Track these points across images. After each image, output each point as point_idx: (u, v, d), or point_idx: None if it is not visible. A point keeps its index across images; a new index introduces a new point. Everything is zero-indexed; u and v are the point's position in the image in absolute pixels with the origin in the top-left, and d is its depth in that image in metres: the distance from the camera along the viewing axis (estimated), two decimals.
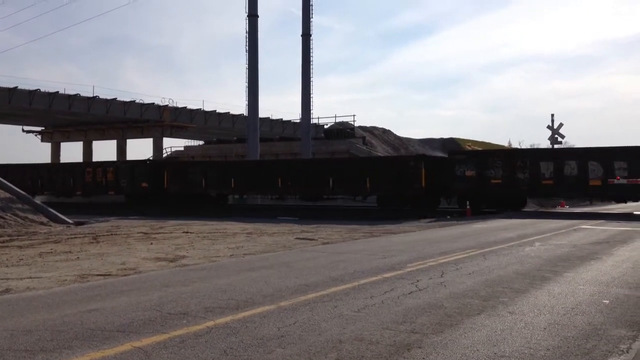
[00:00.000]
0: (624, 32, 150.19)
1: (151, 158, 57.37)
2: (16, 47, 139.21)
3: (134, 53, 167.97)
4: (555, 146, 42.40)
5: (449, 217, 27.67)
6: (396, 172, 31.80)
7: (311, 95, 49.29)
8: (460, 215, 28.55)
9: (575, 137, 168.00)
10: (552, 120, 42.79)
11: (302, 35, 49.72)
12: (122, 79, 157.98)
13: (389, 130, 64.06)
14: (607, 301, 7.50)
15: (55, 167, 47.51)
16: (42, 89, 50.07)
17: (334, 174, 33.63)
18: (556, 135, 42.51)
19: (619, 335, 5.88)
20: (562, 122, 43.37)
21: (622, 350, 5.36)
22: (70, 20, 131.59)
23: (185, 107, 59.03)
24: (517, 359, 5.05)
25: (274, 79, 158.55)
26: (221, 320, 6.36)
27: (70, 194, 42.32)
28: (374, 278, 9.12)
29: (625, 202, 30.48)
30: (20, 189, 41.09)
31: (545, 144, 63.72)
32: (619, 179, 27.33)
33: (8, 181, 42.52)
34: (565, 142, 50.06)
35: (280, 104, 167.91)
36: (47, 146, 65.95)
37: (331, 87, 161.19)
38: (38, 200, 41.53)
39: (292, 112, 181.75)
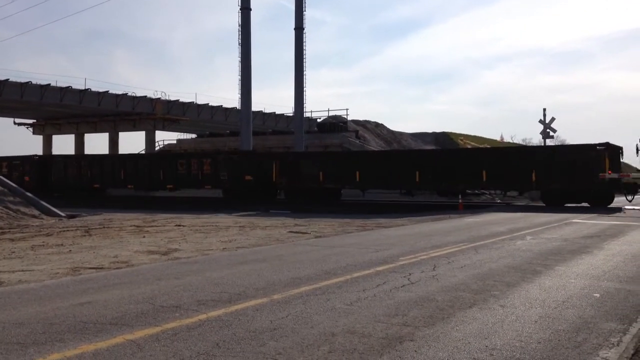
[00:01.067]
0: (615, 28, 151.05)
1: (143, 151, 57.20)
2: (6, 40, 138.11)
3: (125, 46, 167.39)
4: (548, 141, 42.55)
5: None
6: (572, 163, 28.36)
7: (304, 88, 49.24)
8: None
9: (567, 132, 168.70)
10: (544, 115, 42.93)
11: (295, 29, 49.60)
12: (113, 72, 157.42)
13: (381, 124, 64.16)
14: (598, 295, 7.56)
15: (143, 157, 44.54)
16: (34, 82, 49.82)
17: (486, 166, 29.94)
18: (548, 130, 42.66)
19: (610, 328, 5.92)
20: (554, 117, 43.43)
21: (613, 344, 5.40)
22: (60, 13, 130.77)
23: (178, 100, 58.86)
24: (509, 351, 5.08)
25: (266, 73, 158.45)
26: (214, 313, 6.37)
27: (160, 187, 38.83)
28: (366, 271, 9.14)
29: None
30: (95, 181, 40.19)
31: (537, 138, 63.97)
32: None
33: (78, 173, 40.94)
34: (557, 137, 50.19)
35: (272, 97, 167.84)
36: (39, 139, 65.69)
37: (324, 80, 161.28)
38: (115, 193, 40.20)
39: (284, 106, 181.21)
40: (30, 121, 64.47)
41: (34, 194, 24.05)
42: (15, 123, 64.18)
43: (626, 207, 28.20)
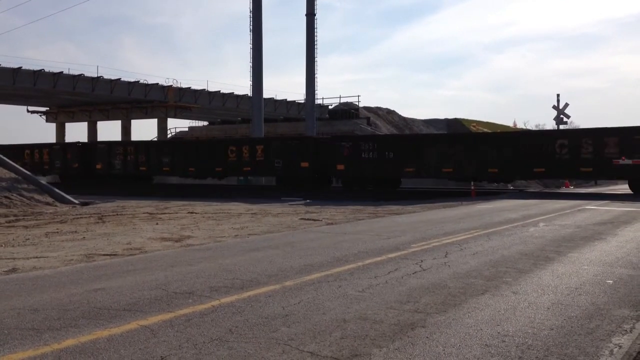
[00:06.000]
0: (628, 11, 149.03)
1: (156, 138, 57.37)
2: (17, 28, 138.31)
3: (134, 33, 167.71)
4: (561, 127, 42.24)
5: None
6: None
7: (315, 75, 49.08)
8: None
9: (580, 117, 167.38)
10: (558, 101, 42.61)
11: (306, 15, 49.35)
12: (122, 59, 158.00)
13: (393, 111, 63.88)
14: (610, 281, 7.52)
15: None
16: (46, 69, 50.01)
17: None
18: (561, 116, 42.33)
19: (623, 315, 5.90)
20: (568, 102, 43.03)
21: (626, 330, 5.38)
22: (70, 1, 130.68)
23: (190, 88, 58.86)
24: (521, 338, 5.08)
25: (277, 59, 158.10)
26: (226, 299, 6.41)
27: None
28: (378, 258, 9.15)
29: None
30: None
31: (550, 124, 63.44)
32: None
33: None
34: (571, 122, 49.79)
35: (283, 83, 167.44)
36: (52, 126, 66.09)
37: (334, 67, 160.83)
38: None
39: (295, 93, 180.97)
40: (43, 109, 64.76)
41: None
42: (28, 111, 64.49)
43: None
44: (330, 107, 60.44)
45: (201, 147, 38.53)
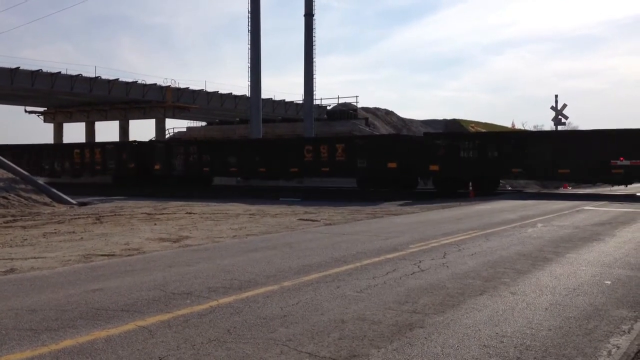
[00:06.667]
0: (628, 12, 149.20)
1: (154, 139, 57.31)
2: (15, 28, 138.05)
3: (132, 32, 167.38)
4: (560, 127, 42.26)
5: None
6: None
7: (314, 75, 49.00)
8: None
9: (579, 118, 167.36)
10: (556, 101, 42.60)
11: (304, 15, 49.25)
12: (120, 59, 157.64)
13: (392, 112, 63.88)
14: (609, 282, 7.52)
15: None
16: (44, 70, 49.95)
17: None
18: (560, 117, 42.34)
19: (621, 315, 5.90)
20: (566, 103, 43.05)
21: (624, 331, 5.38)
22: (67, 1, 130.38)
23: (188, 88, 58.81)
24: (519, 338, 5.08)
25: (275, 60, 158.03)
26: (225, 300, 6.40)
27: None
28: (376, 259, 9.15)
29: None
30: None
31: (548, 125, 63.52)
32: None
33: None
34: (569, 123, 49.86)
35: (281, 84, 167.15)
36: (50, 127, 65.99)
37: (333, 67, 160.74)
38: None
39: (293, 93, 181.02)
40: (41, 109, 64.66)
41: None
42: (26, 111, 64.42)
43: None
44: (328, 107, 60.39)
45: (274, 146, 36.40)
